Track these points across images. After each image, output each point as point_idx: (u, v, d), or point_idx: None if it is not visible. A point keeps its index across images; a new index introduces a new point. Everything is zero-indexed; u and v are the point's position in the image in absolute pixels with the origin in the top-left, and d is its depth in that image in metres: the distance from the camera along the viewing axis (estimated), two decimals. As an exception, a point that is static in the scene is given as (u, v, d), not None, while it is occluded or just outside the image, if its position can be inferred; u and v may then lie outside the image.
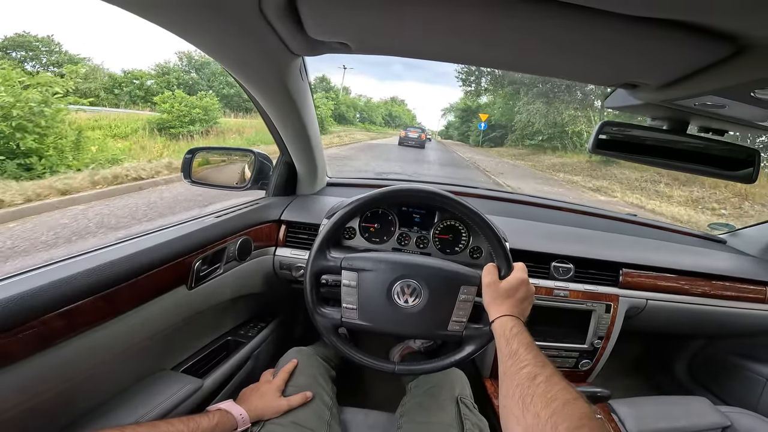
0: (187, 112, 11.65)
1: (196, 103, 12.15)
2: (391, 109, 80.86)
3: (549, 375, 0.54)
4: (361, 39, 0.64)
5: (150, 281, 0.75)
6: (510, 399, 0.54)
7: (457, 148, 31.06)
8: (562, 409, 0.47)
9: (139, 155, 7.84)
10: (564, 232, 1.31)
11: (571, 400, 0.48)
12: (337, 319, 0.85)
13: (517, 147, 24.93)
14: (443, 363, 0.85)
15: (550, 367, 0.56)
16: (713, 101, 0.69)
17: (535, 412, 0.48)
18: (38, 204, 4.21)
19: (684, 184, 11.32)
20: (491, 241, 0.84)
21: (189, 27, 0.61)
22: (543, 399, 0.49)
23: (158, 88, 23.01)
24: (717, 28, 0.46)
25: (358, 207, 0.88)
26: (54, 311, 0.58)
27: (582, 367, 1.23)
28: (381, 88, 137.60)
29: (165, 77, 26.00)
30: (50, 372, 0.60)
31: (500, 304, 0.74)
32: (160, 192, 5.60)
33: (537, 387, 0.52)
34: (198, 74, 29.23)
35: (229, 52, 0.72)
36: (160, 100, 11.83)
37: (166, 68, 27.40)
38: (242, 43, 0.67)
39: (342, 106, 41.32)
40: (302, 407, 0.85)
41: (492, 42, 0.60)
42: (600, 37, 0.53)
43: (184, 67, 29.30)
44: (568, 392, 0.50)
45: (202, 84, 27.88)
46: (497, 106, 30.49)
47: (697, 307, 1.28)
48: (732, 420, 1.06)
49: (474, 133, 35.95)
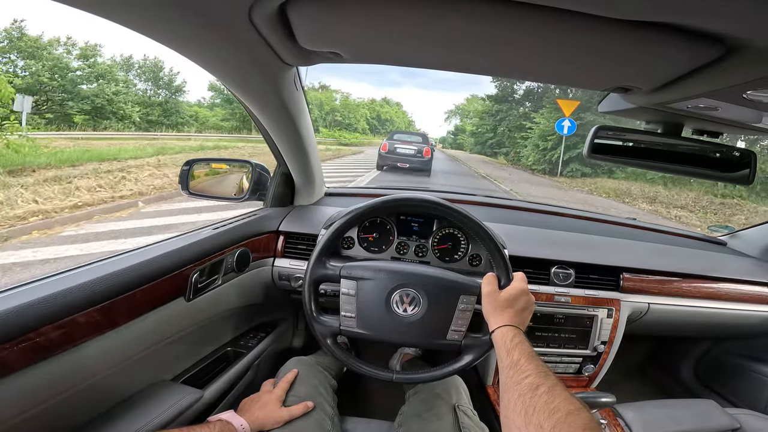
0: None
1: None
2: (380, 110, 61.48)
3: (551, 385, 0.53)
4: (352, 48, 0.65)
5: (147, 294, 0.75)
6: (512, 410, 0.54)
7: (493, 172, 17.50)
8: (565, 419, 0.47)
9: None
10: (563, 238, 1.31)
11: (574, 411, 0.48)
12: (336, 327, 0.85)
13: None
14: (442, 372, 0.85)
15: (552, 377, 0.56)
16: (706, 104, 0.69)
17: (538, 423, 0.48)
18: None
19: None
20: (490, 250, 0.84)
21: (180, 40, 0.62)
22: (546, 410, 0.49)
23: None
24: (706, 30, 0.46)
25: (357, 216, 0.88)
26: (51, 323, 0.59)
27: (585, 373, 1.22)
28: (378, 95, 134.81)
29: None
30: (48, 383, 0.60)
31: (500, 314, 0.74)
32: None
33: (539, 398, 0.51)
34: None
35: (222, 64, 0.72)
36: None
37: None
38: (234, 54, 0.67)
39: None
40: (303, 417, 0.85)
41: (484, 48, 0.60)
42: (590, 42, 0.53)
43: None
44: (570, 403, 0.49)
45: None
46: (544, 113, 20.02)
47: (699, 310, 1.27)
48: (741, 422, 1.04)
49: (533, 146, 20.05)
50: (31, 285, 0.63)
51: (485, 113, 33.07)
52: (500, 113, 29.30)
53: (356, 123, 48.27)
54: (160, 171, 8.02)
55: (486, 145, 32.60)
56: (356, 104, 52.24)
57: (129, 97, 24.81)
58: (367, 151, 23.70)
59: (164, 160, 9.33)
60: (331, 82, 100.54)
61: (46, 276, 0.66)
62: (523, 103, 28.55)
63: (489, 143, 31.86)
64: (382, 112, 61.82)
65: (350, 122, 46.95)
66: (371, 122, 56.91)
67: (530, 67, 0.68)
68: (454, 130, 67.93)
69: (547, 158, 19.45)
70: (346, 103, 49.71)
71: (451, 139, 67.87)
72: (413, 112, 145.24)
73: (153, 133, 20.85)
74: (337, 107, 47.31)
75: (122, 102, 23.44)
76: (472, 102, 66.61)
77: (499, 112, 29.42)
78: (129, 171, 7.51)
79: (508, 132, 27.60)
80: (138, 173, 7.50)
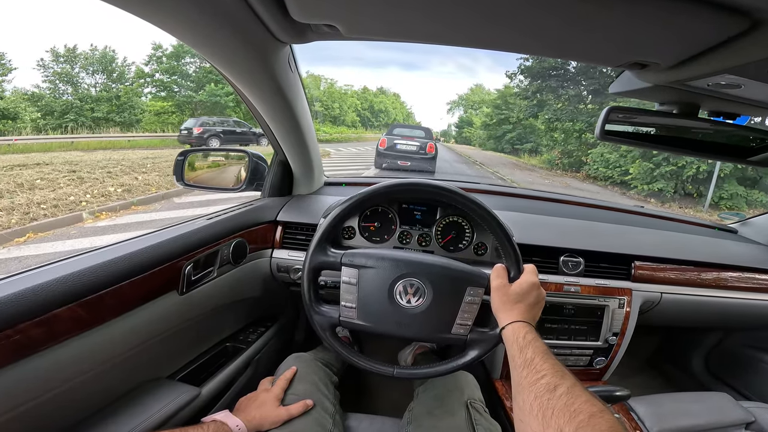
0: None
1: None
2: (374, 100, 52.94)
3: (570, 386, 0.50)
4: (349, 19, 0.61)
5: (135, 287, 0.72)
6: (527, 413, 0.50)
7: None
8: (588, 422, 0.43)
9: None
10: (572, 226, 1.27)
11: (597, 413, 0.44)
12: (335, 318, 0.81)
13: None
14: (445, 367, 0.81)
15: (570, 377, 0.52)
16: (728, 81, 0.65)
17: (558, 427, 0.45)
18: None
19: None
20: (499, 239, 0.80)
21: (165, 15, 0.58)
22: (566, 412, 0.46)
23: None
24: (730, 2, 0.43)
25: (358, 202, 0.84)
26: (30, 320, 0.56)
27: (597, 365, 1.19)
28: (375, 86, 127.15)
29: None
30: (32, 381, 0.58)
31: (510, 309, 0.71)
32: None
33: (558, 399, 0.48)
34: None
35: (210, 42, 0.69)
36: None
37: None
38: (223, 30, 0.64)
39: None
40: (303, 416, 0.82)
41: (495, 20, 0.56)
42: (606, 13, 0.50)
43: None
44: (592, 404, 0.46)
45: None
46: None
47: (713, 299, 1.24)
48: (756, 415, 1.02)
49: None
50: (6, 280, 0.60)
51: (505, 97, 25.86)
52: (537, 95, 19.38)
53: (343, 115, 41.24)
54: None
55: (503, 140, 26.87)
56: (342, 93, 43.89)
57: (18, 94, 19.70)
58: (353, 149, 20.10)
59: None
60: (324, 72, 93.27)
61: (23, 270, 0.64)
62: (578, 81, 17.97)
63: (508, 138, 26.04)
64: (376, 102, 53.85)
65: (336, 114, 39.72)
66: (363, 114, 49.18)
67: (540, 40, 0.63)
68: (459, 122, 62.41)
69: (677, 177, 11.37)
70: (330, 91, 41.26)
71: (456, 132, 62.70)
72: (413, 104, 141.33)
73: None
74: (323, 97, 39.63)
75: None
76: (477, 92, 62.55)
77: (537, 93, 19.23)
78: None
79: (550, 121, 18.63)
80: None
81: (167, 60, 23.98)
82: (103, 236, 4.43)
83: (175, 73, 24.27)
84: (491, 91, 29.38)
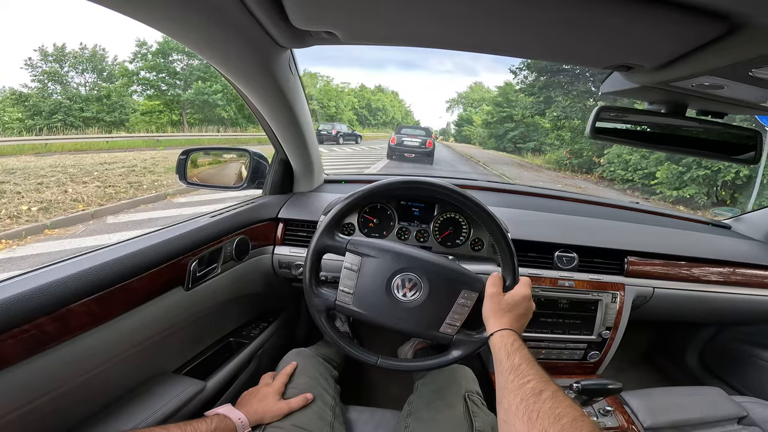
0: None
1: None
2: (372, 98, 52.00)
3: (554, 391, 0.53)
4: (347, 26, 0.63)
5: (144, 283, 0.74)
6: (513, 415, 0.53)
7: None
8: (572, 425, 0.46)
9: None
10: (566, 222, 1.29)
11: (579, 417, 0.47)
12: (332, 301, 0.83)
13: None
14: (426, 363, 0.84)
15: (553, 383, 0.55)
16: (711, 82, 0.67)
17: (543, 429, 0.47)
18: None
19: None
20: (501, 248, 0.83)
21: (172, 23, 0.61)
22: (550, 415, 0.48)
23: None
24: (709, 6, 0.45)
25: (358, 200, 0.87)
26: (46, 315, 0.58)
27: (591, 359, 1.21)
28: (373, 84, 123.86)
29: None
30: (47, 376, 0.60)
31: (500, 317, 0.73)
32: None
33: (543, 403, 0.51)
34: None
35: (213, 47, 0.71)
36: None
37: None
38: (225, 36, 0.66)
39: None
40: (303, 409, 0.84)
41: (487, 25, 0.58)
42: (591, 17, 0.52)
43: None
44: (575, 409, 0.49)
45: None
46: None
47: (705, 294, 1.26)
48: (748, 410, 1.04)
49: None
50: (22, 277, 0.62)
51: (507, 95, 25.28)
52: (543, 92, 18.66)
53: (340, 113, 40.17)
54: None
55: (505, 139, 25.95)
56: (338, 91, 42.66)
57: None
58: (348, 149, 18.50)
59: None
60: (320, 71, 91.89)
61: (38, 267, 0.66)
62: (587, 78, 17.60)
63: (510, 136, 25.14)
64: (374, 100, 52.89)
65: (332, 112, 38.66)
66: (360, 112, 48.22)
67: (531, 43, 0.66)
68: (459, 121, 61.37)
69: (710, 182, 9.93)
70: (326, 89, 40.57)
71: (455, 130, 61.47)
72: (411, 102, 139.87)
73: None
74: (316, 93, 38.62)
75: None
76: (477, 89, 62.07)
77: (544, 89, 18.45)
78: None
79: (558, 119, 17.84)
80: None
81: (152, 57, 23.19)
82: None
83: (162, 71, 23.72)
84: (491, 89, 29.09)
